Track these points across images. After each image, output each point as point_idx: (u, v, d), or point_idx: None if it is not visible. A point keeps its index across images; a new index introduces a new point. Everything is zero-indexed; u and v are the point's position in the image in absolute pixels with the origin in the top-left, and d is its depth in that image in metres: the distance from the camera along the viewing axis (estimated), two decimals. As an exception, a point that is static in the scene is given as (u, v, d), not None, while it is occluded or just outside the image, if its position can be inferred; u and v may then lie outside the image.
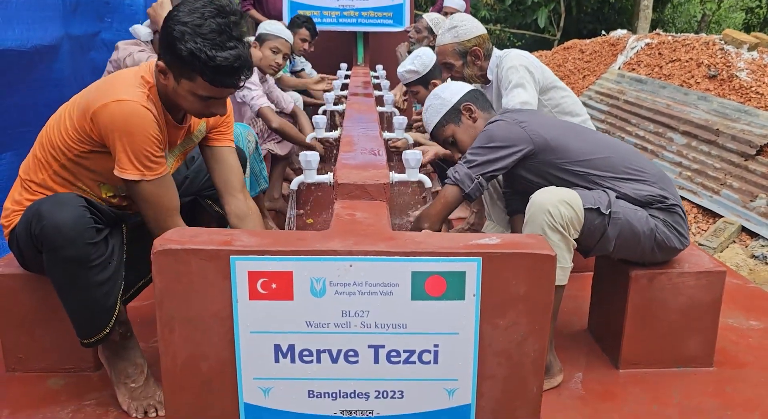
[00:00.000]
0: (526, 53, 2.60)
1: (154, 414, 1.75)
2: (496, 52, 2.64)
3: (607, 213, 1.86)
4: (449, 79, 2.76)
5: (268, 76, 3.55)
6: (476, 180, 1.98)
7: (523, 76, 2.47)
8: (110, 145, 1.65)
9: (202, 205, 2.19)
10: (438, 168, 3.75)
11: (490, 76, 2.66)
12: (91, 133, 1.66)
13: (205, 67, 1.58)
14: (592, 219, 1.85)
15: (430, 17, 4.35)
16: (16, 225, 1.74)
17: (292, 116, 3.77)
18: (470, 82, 2.73)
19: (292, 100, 3.79)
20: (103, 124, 1.62)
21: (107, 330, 1.70)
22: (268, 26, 3.44)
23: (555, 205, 1.81)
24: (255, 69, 3.27)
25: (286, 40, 3.40)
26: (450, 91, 2.18)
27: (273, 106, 3.34)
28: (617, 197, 1.91)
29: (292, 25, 4.68)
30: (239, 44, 1.61)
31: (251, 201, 2.01)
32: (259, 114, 3.24)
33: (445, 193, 2.01)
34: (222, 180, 1.96)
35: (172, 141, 1.85)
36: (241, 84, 1.67)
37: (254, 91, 3.22)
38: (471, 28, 2.60)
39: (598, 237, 1.88)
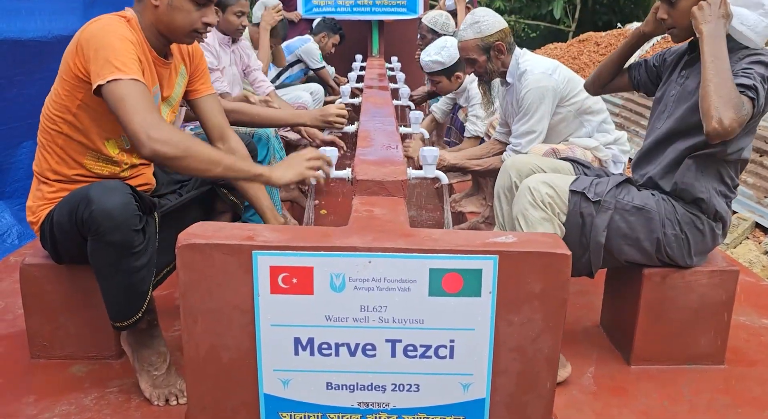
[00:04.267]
0: (544, 67, 2.57)
1: (175, 402, 1.80)
2: (517, 52, 2.64)
3: (595, 200, 1.89)
4: (472, 74, 2.78)
5: (250, 53, 3.50)
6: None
7: (537, 103, 2.53)
8: (92, 61, 1.68)
9: (218, 194, 2.24)
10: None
11: (510, 80, 2.67)
12: (78, 68, 1.72)
13: None
14: (576, 203, 1.90)
15: (427, 19, 4.36)
16: (52, 214, 1.80)
17: (267, 102, 3.66)
18: (491, 79, 2.75)
19: (270, 84, 3.66)
20: (85, 43, 1.70)
21: (140, 315, 1.76)
22: None
23: (536, 183, 1.90)
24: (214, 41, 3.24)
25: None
26: None
27: (223, 92, 3.22)
28: (666, 197, 1.93)
29: (327, 28, 4.82)
30: None
31: (238, 139, 2.15)
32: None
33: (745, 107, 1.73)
34: (210, 126, 2.12)
35: (163, 81, 1.91)
36: None
37: (212, 74, 3.15)
38: (493, 22, 2.61)
39: (587, 225, 1.90)
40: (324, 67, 4.91)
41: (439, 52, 3.35)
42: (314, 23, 5.19)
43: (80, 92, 1.76)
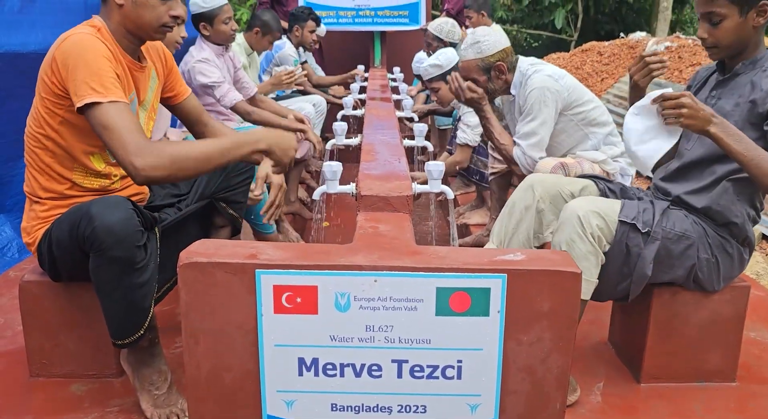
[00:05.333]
0: (551, 71, 2.55)
1: (176, 423, 1.77)
2: (521, 65, 2.61)
3: (645, 231, 1.81)
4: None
5: (234, 54, 3.46)
6: None
7: (540, 104, 2.50)
8: (70, 80, 1.66)
9: (217, 207, 2.22)
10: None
11: (513, 92, 2.64)
12: (56, 85, 1.70)
13: None
14: (624, 232, 1.81)
15: (433, 26, 4.38)
16: (50, 232, 1.78)
17: (252, 102, 3.53)
18: (493, 98, 2.73)
19: (254, 87, 3.58)
20: (60, 61, 1.67)
21: (141, 332, 1.73)
22: (202, 2, 3.25)
23: (586, 213, 1.79)
24: (207, 50, 3.23)
25: (227, 5, 3.30)
26: None
27: (242, 98, 3.20)
28: (697, 221, 1.88)
29: (297, 19, 4.65)
30: None
31: (222, 127, 2.19)
32: (233, 110, 3.16)
33: None
34: (198, 123, 2.15)
35: (139, 86, 1.89)
36: None
37: (222, 86, 3.12)
38: (494, 42, 2.58)
39: (633, 256, 1.81)
40: (305, 61, 4.77)
41: (437, 57, 3.34)
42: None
43: (60, 108, 1.74)
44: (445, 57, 3.34)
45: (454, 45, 4.37)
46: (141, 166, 1.60)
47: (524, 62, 2.62)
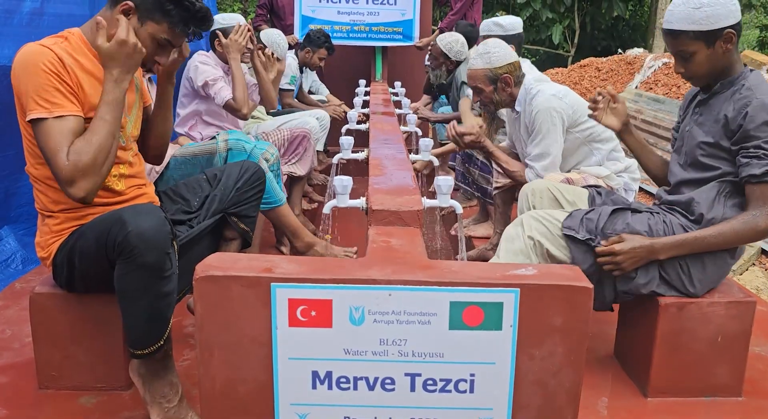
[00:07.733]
0: (555, 90, 2.58)
1: (186, 435, 1.77)
2: (526, 81, 2.65)
3: (584, 239, 1.94)
4: (478, 103, 2.78)
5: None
6: None
7: (548, 124, 2.55)
8: (21, 93, 1.70)
9: (228, 222, 2.23)
10: (462, 177, 3.72)
11: (518, 108, 2.68)
12: (19, 99, 1.73)
13: (185, 9, 1.82)
14: (570, 243, 1.98)
15: (443, 43, 4.38)
16: (67, 245, 1.79)
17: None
18: (497, 109, 2.76)
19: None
20: (12, 74, 1.71)
21: (162, 342, 1.75)
22: (221, 20, 3.31)
23: (529, 217, 2.03)
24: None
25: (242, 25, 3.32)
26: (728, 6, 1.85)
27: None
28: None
29: (312, 43, 4.69)
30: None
31: None
32: (225, 107, 3.20)
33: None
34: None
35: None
36: (201, 34, 1.92)
37: (216, 83, 3.18)
38: (504, 54, 2.62)
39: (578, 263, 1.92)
40: (291, 89, 4.66)
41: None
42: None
43: None
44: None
45: (460, 63, 4.40)
46: (77, 196, 1.68)
47: (529, 78, 2.66)
